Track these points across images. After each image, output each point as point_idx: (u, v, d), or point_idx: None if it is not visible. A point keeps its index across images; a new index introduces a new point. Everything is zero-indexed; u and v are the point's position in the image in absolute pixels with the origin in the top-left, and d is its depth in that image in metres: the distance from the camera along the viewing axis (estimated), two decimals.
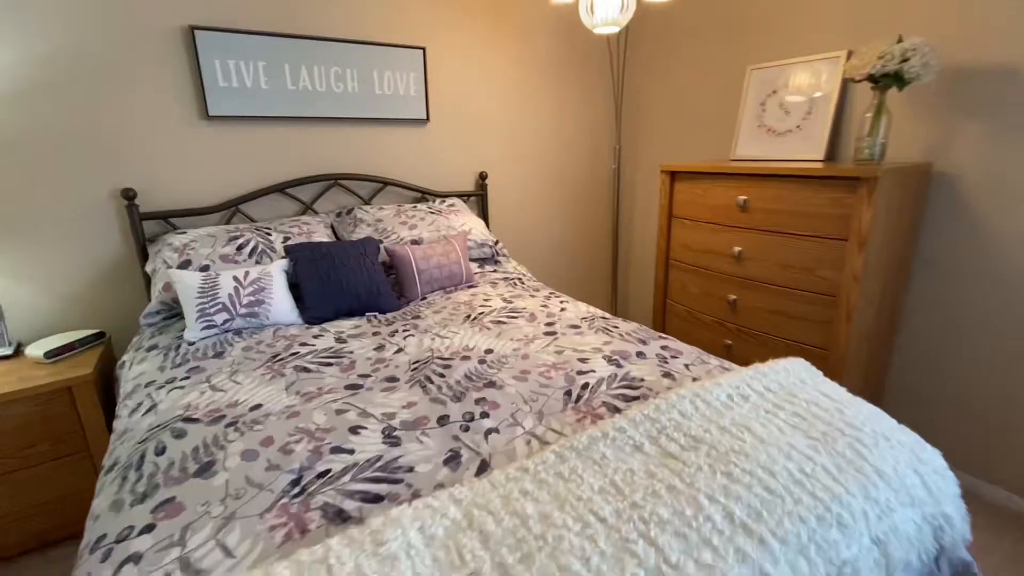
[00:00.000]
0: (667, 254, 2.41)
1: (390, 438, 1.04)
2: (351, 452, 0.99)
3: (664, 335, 1.57)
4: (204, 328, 1.61)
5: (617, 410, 1.13)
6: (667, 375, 1.29)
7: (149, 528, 0.83)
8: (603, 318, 1.72)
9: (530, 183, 2.86)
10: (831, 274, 1.74)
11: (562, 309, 1.79)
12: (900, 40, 1.62)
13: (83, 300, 1.89)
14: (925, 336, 1.92)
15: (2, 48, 1.62)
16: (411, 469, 0.94)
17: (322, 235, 2.04)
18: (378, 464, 0.96)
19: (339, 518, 0.82)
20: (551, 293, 2.00)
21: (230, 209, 2.07)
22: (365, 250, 1.89)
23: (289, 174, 2.18)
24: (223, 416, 1.14)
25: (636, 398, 1.18)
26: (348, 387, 1.27)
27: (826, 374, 1.75)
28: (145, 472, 0.98)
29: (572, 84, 2.85)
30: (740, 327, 2.08)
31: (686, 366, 1.34)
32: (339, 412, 1.14)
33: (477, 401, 1.17)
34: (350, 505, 0.85)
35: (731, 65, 2.45)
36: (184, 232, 1.87)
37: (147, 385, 1.35)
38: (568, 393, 1.21)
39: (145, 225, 1.94)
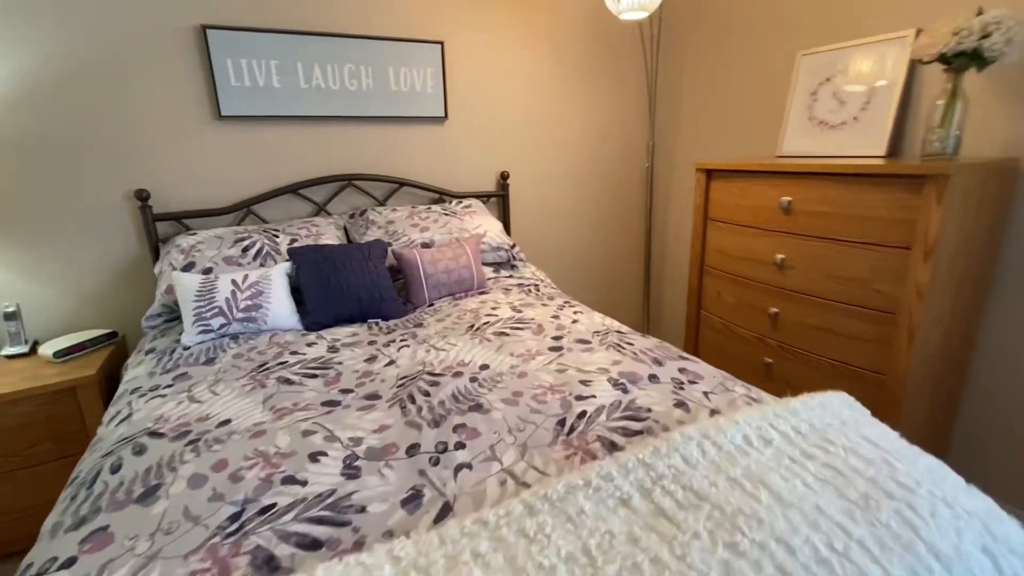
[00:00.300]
0: (702, 260, 2.20)
1: (350, 469, 0.93)
2: (303, 483, 0.89)
3: (685, 355, 1.39)
4: (200, 332, 1.57)
5: (614, 446, 0.97)
6: (680, 404, 1.11)
7: (70, 562, 0.76)
8: (618, 332, 1.55)
9: (555, 182, 2.71)
10: (889, 288, 1.50)
11: (574, 321, 1.64)
12: (980, 12, 1.37)
13: (99, 300, 1.91)
14: (1008, 360, 1.63)
15: (17, 52, 1.65)
16: (363, 509, 0.83)
17: (331, 237, 1.98)
18: (328, 500, 0.85)
19: (267, 567, 0.72)
20: (566, 302, 1.84)
21: (243, 210, 2.05)
22: (370, 253, 1.81)
23: (302, 174, 2.14)
24: (188, 432, 1.07)
25: (639, 432, 1.01)
26: (325, 403, 1.18)
27: (883, 404, 1.55)
28: (95, 491, 0.92)
29: (602, 77, 2.67)
30: (781, 344, 1.86)
31: (705, 394, 1.16)
32: (305, 434, 1.04)
33: (456, 428, 1.05)
34: (284, 551, 0.75)
35: (778, 51, 2.20)
36: (194, 233, 1.85)
37: (133, 391, 1.31)
38: (561, 422, 1.06)
39: (159, 226, 1.94)
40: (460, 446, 0.98)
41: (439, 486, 0.88)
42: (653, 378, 1.24)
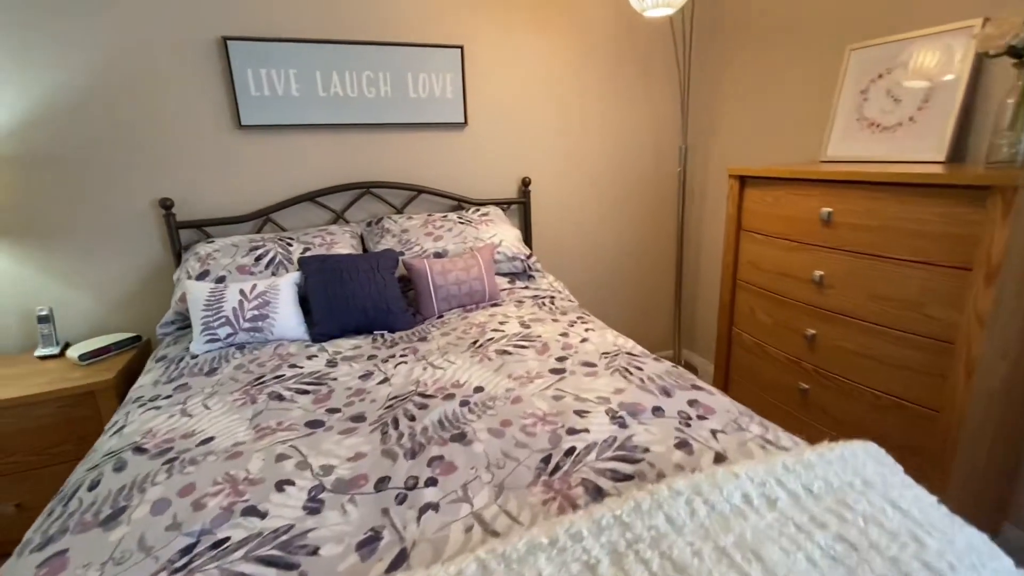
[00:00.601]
0: (734, 273, 2.04)
1: (313, 502, 0.88)
2: (263, 516, 0.85)
3: (700, 384, 1.27)
4: (208, 341, 1.58)
5: (599, 491, 0.88)
6: (682, 445, 1.00)
7: None
8: (629, 354, 1.44)
9: (580, 188, 2.60)
10: (944, 313, 1.32)
11: (583, 340, 1.54)
12: None
13: (127, 304, 1.98)
14: None
15: (50, 71, 1.73)
16: (315, 551, 0.78)
17: (346, 246, 1.97)
18: (283, 538, 0.80)
19: None
20: (579, 317, 1.74)
21: (262, 218, 2.07)
22: (378, 264, 1.78)
23: (321, 182, 2.15)
24: (170, 449, 1.07)
25: (629, 477, 0.91)
26: (309, 424, 1.14)
27: (935, 446, 1.36)
28: (69, 509, 0.92)
29: (630, 77, 2.54)
30: (818, 369, 1.68)
31: (713, 433, 1.04)
32: (279, 458, 1.01)
33: (432, 461, 0.98)
34: None
35: (824, 45, 2.01)
36: (212, 241, 1.89)
37: (135, 400, 1.33)
38: (546, 459, 0.97)
39: (183, 234, 1.99)
40: (432, 482, 0.92)
41: (400, 529, 0.82)
42: (657, 411, 1.13)
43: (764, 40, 2.27)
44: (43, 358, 1.80)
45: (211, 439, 1.09)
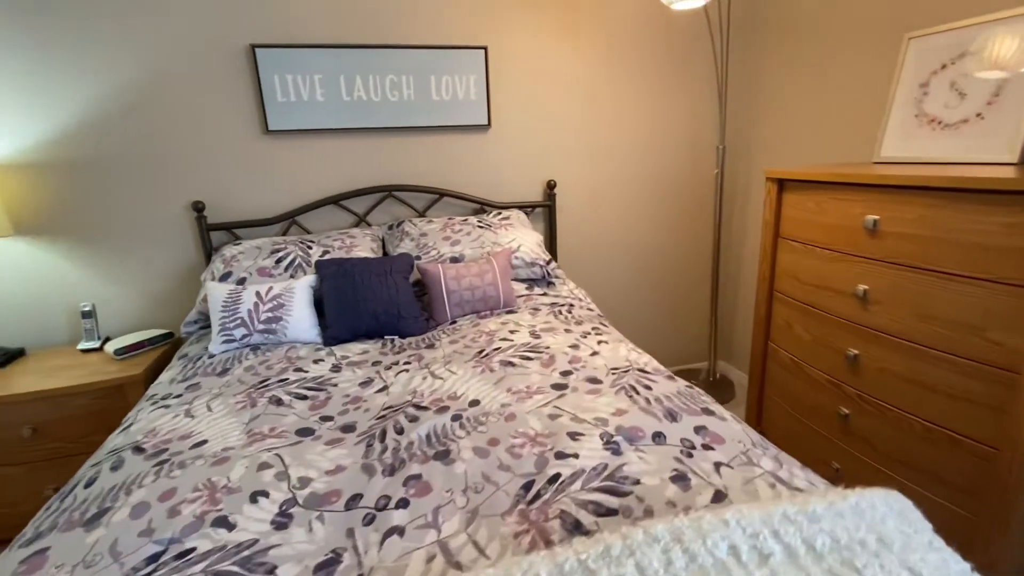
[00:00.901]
0: (771, 284, 1.89)
1: (283, 516, 0.87)
2: (231, 528, 0.84)
3: (712, 408, 1.16)
4: (224, 342, 1.63)
5: (578, 526, 0.81)
6: (679, 478, 0.91)
7: None
8: (640, 371, 1.35)
9: (609, 190, 2.50)
10: (1008, 338, 1.15)
11: (593, 353, 1.46)
12: None
13: (163, 302, 2.08)
14: None
15: (92, 82, 1.83)
16: (273, 570, 0.76)
17: (365, 249, 1.98)
18: (244, 554, 0.79)
19: None
20: (595, 327, 1.66)
21: (288, 221, 2.12)
22: (391, 268, 1.77)
23: (345, 186, 2.17)
24: (165, 450, 1.09)
25: (613, 512, 0.84)
26: (299, 431, 1.14)
27: (994, 490, 1.19)
28: (64, 505, 0.95)
29: (663, 74, 2.41)
30: (861, 393, 1.52)
31: (716, 466, 0.95)
32: (262, 467, 1.00)
33: (408, 480, 0.94)
34: None
35: (879, 34, 1.83)
36: (239, 243, 1.94)
37: (149, 398, 1.38)
38: (528, 486, 0.91)
39: (214, 235, 2.07)
40: (403, 504, 0.88)
41: (361, 552, 0.78)
42: (658, 437, 1.04)
43: (810, 30, 2.09)
44: (85, 351, 1.92)
45: (204, 443, 1.11)
